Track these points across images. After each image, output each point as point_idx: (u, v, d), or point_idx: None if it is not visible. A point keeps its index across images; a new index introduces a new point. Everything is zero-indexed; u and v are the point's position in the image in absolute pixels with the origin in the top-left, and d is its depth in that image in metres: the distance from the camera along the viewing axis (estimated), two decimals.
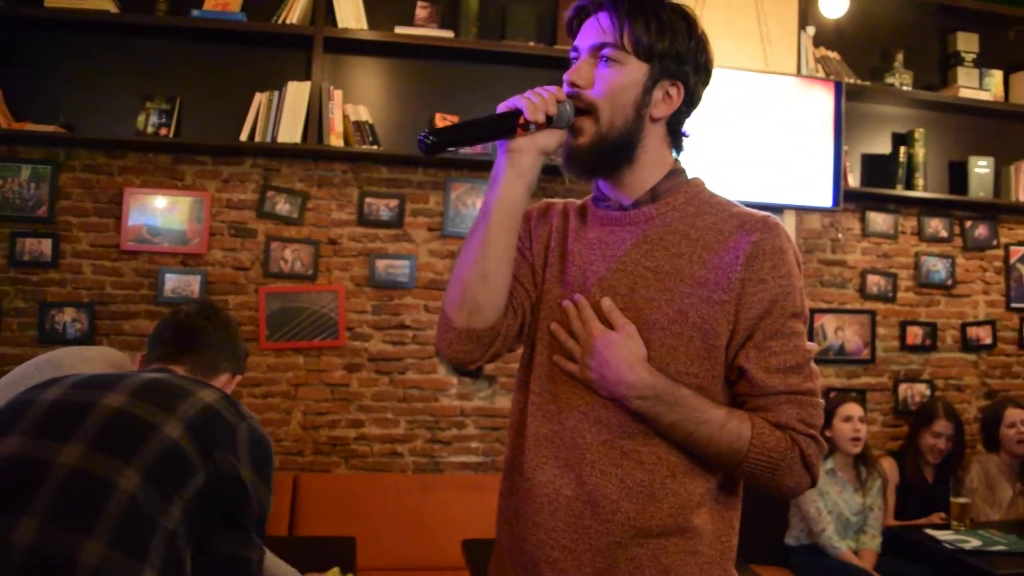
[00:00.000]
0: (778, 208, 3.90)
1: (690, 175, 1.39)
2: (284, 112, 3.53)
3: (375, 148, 3.63)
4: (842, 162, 3.93)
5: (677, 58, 1.30)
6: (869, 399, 4.21)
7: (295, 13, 3.54)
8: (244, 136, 3.54)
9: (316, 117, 3.55)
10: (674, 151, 1.39)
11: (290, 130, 3.52)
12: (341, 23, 3.60)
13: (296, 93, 3.55)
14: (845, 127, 3.95)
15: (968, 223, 4.42)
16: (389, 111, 3.78)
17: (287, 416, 3.69)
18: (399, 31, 3.66)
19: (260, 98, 3.56)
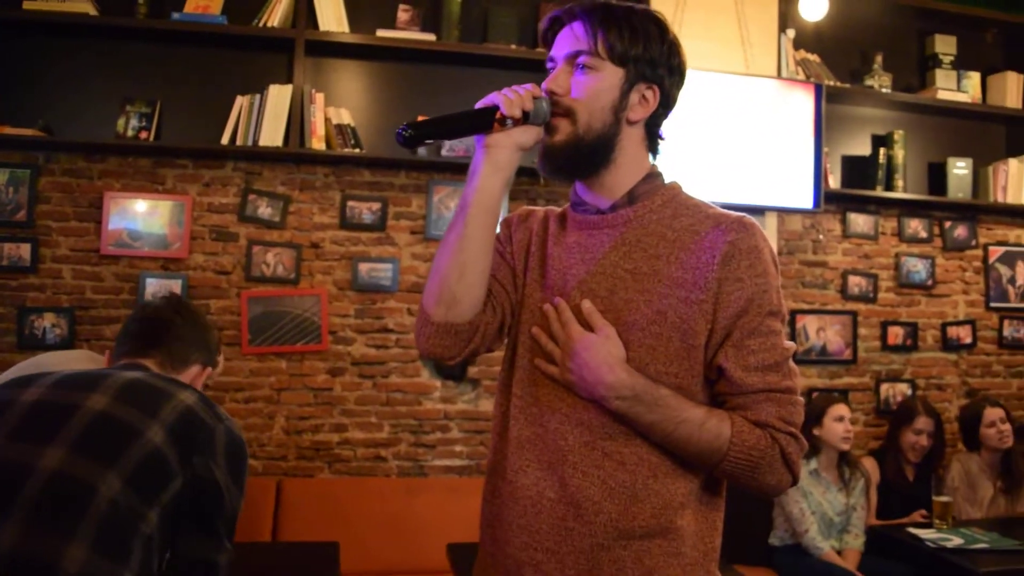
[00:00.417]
0: (759, 210, 3.93)
1: (671, 178, 1.41)
2: (265, 115, 3.51)
3: (357, 151, 3.62)
4: (823, 164, 3.95)
5: (651, 62, 1.33)
6: (851, 399, 4.23)
7: (276, 16, 3.53)
8: (225, 139, 3.52)
9: (298, 120, 3.54)
10: (651, 155, 1.41)
11: (272, 133, 3.51)
12: (323, 26, 3.59)
13: (277, 96, 3.53)
14: (825, 129, 3.97)
15: (947, 224, 4.46)
16: (371, 114, 3.77)
17: (270, 421, 3.67)
18: (381, 34, 3.65)
19: (241, 101, 3.54)
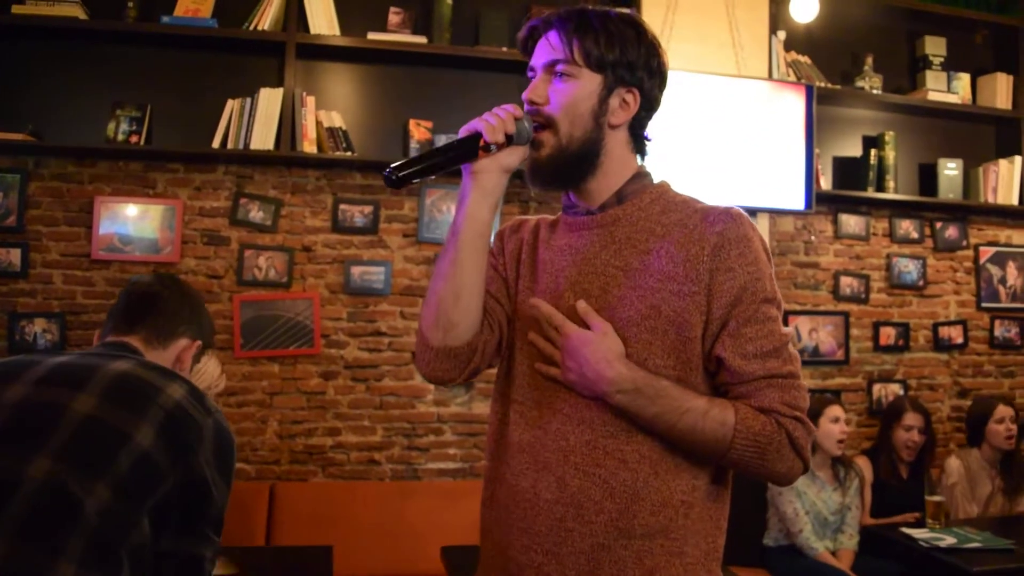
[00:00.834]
0: (751, 211, 3.93)
1: (660, 178, 1.42)
2: (257, 119, 3.50)
3: (349, 154, 3.61)
4: (814, 165, 3.96)
5: (629, 66, 1.33)
6: (844, 400, 4.24)
7: (267, 19, 3.52)
8: (216, 143, 3.51)
9: (289, 124, 3.53)
10: (638, 156, 1.42)
11: (263, 137, 3.50)
12: (313, 29, 3.58)
13: (268, 100, 3.52)
14: (816, 130, 3.98)
15: (938, 224, 4.48)
16: (362, 117, 3.77)
17: (263, 425, 3.66)
18: (372, 37, 3.65)
19: (232, 105, 3.53)
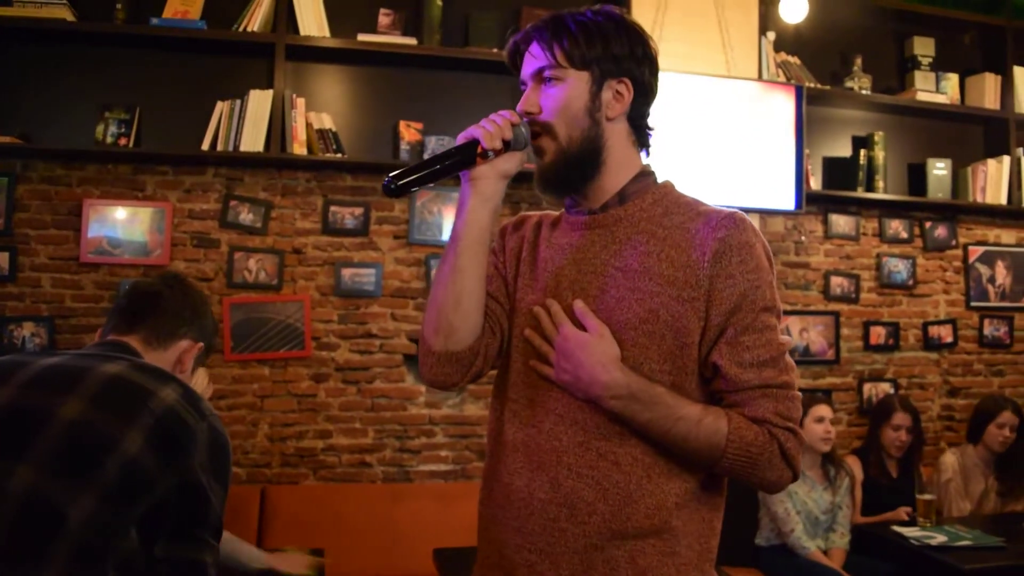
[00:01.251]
0: (742, 211, 3.93)
1: (663, 178, 1.42)
2: (246, 121, 3.49)
3: (339, 156, 3.61)
4: (804, 165, 3.97)
5: (614, 58, 1.33)
6: (834, 399, 4.25)
7: (256, 21, 3.51)
8: (206, 145, 3.49)
9: (279, 125, 3.52)
10: (643, 152, 1.41)
11: (252, 139, 3.49)
12: (303, 30, 3.57)
13: (258, 101, 3.51)
14: (806, 131, 3.99)
15: (928, 224, 4.49)
16: (352, 119, 3.76)
17: (254, 428, 3.65)
18: (362, 38, 3.64)
19: (222, 107, 3.52)
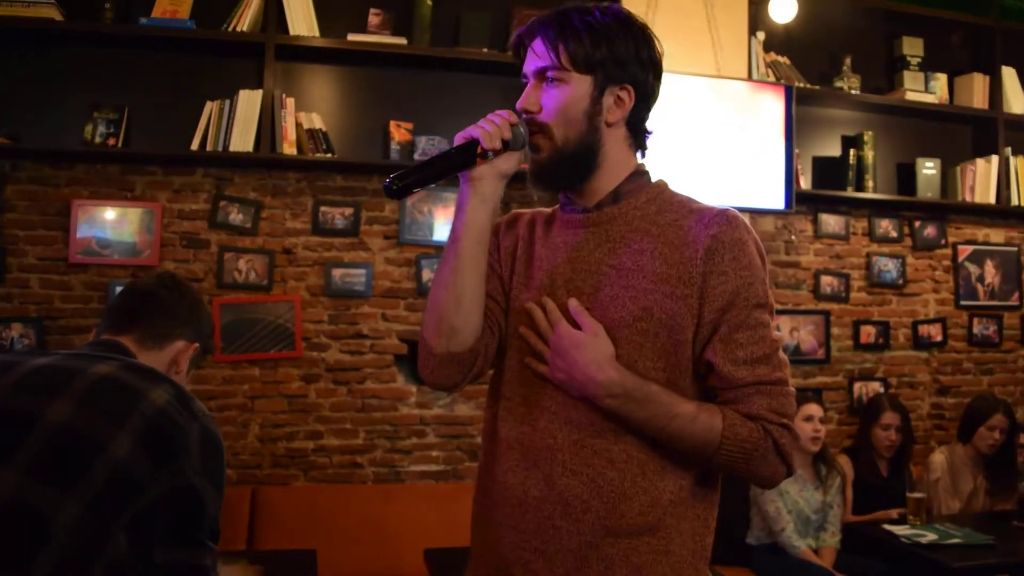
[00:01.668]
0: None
1: (657, 177, 1.42)
2: (236, 121, 3.48)
3: (329, 156, 3.60)
4: (794, 165, 3.99)
5: (619, 62, 1.32)
6: (825, 398, 4.26)
7: (245, 20, 3.50)
8: (195, 145, 3.48)
9: (268, 125, 3.51)
10: (638, 153, 1.41)
11: (242, 139, 3.48)
12: (293, 30, 3.56)
13: (248, 101, 3.50)
14: (796, 130, 4.00)
15: (917, 223, 4.51)
16: (343, 119, 3.75)
17: (244, 429, 3.63)
18: (352, 38, 3.63)
19: (211, 107, 3.50)
